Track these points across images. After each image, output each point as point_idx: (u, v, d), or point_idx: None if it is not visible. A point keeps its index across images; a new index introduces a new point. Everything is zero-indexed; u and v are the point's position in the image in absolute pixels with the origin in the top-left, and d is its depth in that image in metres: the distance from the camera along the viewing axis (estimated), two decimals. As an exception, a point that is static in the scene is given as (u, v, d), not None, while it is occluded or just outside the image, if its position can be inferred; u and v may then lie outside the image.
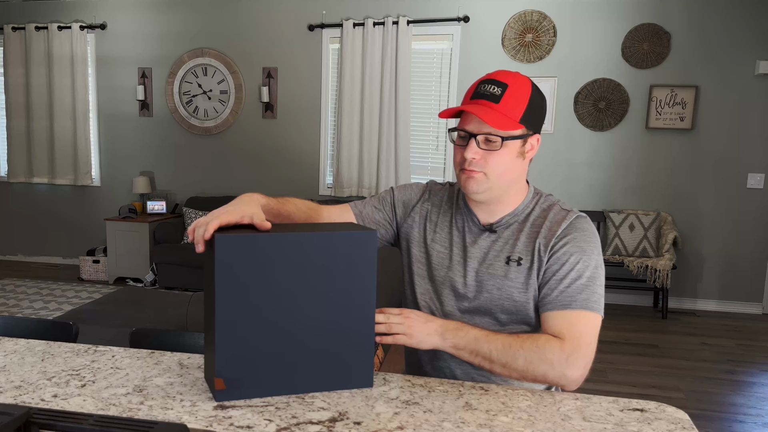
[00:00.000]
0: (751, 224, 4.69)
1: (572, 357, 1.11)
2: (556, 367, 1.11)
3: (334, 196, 5.35)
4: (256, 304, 1.04)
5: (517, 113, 1.20)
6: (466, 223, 1.32)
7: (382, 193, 1.44)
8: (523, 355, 1.12)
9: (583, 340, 1.14)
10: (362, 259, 1.09)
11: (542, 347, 1.12)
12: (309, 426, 0.98)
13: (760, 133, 4.60)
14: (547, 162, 4.93)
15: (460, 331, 1.15)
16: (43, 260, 6.16)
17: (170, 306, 3.07)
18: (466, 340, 1.14)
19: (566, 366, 1.11)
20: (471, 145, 1.20)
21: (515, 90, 1.20)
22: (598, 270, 1.21)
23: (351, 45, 5.08)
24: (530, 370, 1.12)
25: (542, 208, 1.29)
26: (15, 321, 1.58)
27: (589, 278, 1.19)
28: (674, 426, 1.01)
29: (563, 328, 1.15)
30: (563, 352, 1.11)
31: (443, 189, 1.41)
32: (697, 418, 2.81)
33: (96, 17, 5.70)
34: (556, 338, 1.14)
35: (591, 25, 4.75)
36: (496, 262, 1.27)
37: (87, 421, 0.78)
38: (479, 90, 1.21)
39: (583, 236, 1.22)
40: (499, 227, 1.28)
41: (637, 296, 4.88)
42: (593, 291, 1.18)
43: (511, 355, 1.12)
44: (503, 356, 1.12)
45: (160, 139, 5.74)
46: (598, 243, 1.24)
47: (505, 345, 1.13)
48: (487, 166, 1.21)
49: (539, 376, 1.12)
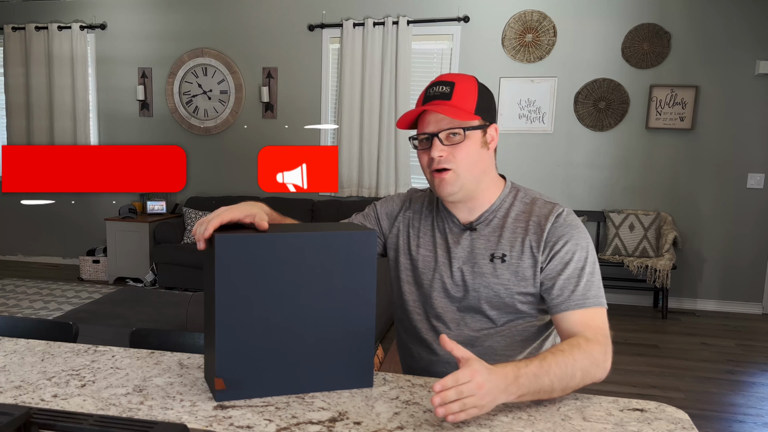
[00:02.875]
0: (751, 224, 4.69)
1: (607, 351, 1.14)
2: (601, 366, 1.13)
3: (334, 196, 5.35)
4: (256, 304, 1.04)
5: (470, 105, 1.23)
6: (446, 224, 1.33)
7: (366, 210, 1.47)
8: (579, 368, 1.08)
9: (607, 332, 1.18)
10: (362, 259, 1.09)
11: (589, 352, 1.11)
12: (309, 426, 0.98)
13: (760, 133, 4.60)
14: (547, 162, 4.93)
15: (521, 378, 1.01)
16: (43, 260, 6.15)
17: (170, 306, 3.08)
18: (528, 384, 1.02)
19: (607, 361, 1.14)
20: (435, 144, 1.23)
21: (462, 85, 1.24)
22: (596, 263, 1.25)
23: (351, 45, 5.08)
24: (587, 380, 1.11)
25: (524, 202, 1.30)
26: (15, 321, 1.58)
27: (592, 273, 1.22)
28: (674, 426, 1.01)
29: (586, 327, 1.17)
30: (603, 349, 1.14)
31: (423, 195, 1.43)
32: (697, 418, 2.81)
33: (96, 17, 5.70)
34: (590, 340, 1.14)
35: (591, 25, 4.75)
36: (480, 260, 1.27)
37: (87, 421, 0.78)
38: (429, 93, 1.25)
39: (578, 232, 1.25)
40: (479, 225, 1.29)
41: (637, 296, 4.87)
42: (599, 286, 1.22)
43: (569, 375, 1.07)
44: (563, 381, 1.06)
45: (160, 139, 5.74)
46: (587, 233, 1.28)
47: (560, 368, 1.05)
48: (455, 161, 1.22)
49: (589, 380, 1.12)
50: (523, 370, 1.01)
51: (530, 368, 1.02)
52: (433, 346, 1.32)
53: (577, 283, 1.21)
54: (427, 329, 1.33)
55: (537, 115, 4.89)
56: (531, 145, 4.90)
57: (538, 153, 4.91)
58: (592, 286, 1.21)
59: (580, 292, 1.20)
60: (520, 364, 1.02)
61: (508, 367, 1.00)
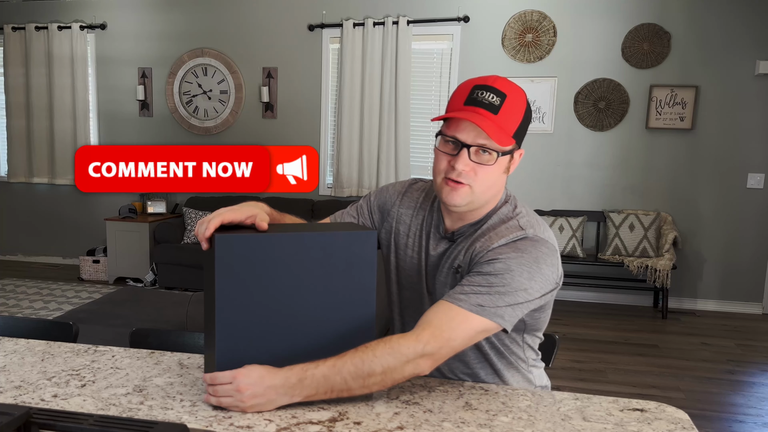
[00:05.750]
0: (751, 224, 4.69)
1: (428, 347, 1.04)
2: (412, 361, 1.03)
3: (334, 196, 5.35)
4: (256, 304, 1.04)
5: (513, 127, 1.14)
6: (433, 228, 1.28)
7: (360, 201, 1.39)
8: (380, 364, 1.02)
9: (445, 335, 1.05)
10: (362, 258, 1.09)
11: (395, 346, 1.03)
12: (309, 426, 0.98)
13: (760, 133, 4.60)
14: (547, 162, 4.93)
15: (306, 380, 1.01)
16: (43, 260, 6.15)
17: (170, 306, 3.07)
18: (315, 385, 1.01)
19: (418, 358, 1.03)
20: (462, 156, 1.13)
21: (513, 102, 1.14)
22: (520, 293, 1.09)
23: (351, 45, 5.08)
24: (389, 374, 1.03)
25: (500, 217, 1.21)
26: (15, 321, 1.58)
27: (499, 292, 1.08)
28: (674, 426, 1.01)
29: (431, 319, 1.07)
30: (419, 343, 1.03)
31: (422, 188, 1.35)
32: (697, 418, 2.80)
33: (96, 17, 5.70)
34: (406, 335, 1.06)
35: (591, 25, 4.75)
36: (446, 269, 1.24)
37: (87, 421, 0.78)
38: (476, 96, 1.13)
39: (520, 259, 1.11)
40: (459, 236, 1.23)
41: (637, 296, 4.87)
42: (494, 301, 1.08)
43: (367, 370, 1.02)
44: (359, 377, 1.02)
45: (160, 139, 5.73)
46: (540, 272, 1.12)
47: (355, 363, 1.02)
48: (476, 180, 1.14)
49: (398, 375, 1.04)
50: (310, 371, 1.02)
51: (320, 369, 1.02)
52: None
53: (470, 287, 1.09)
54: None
55: (537, 115, 4.89)
56: (531, 145, 4.90)
57: (538, 153, 4.91)
58: (482, 296, 1.07)
59: (462, 292, 1.09)
60: (310, 366, 1.02)
61: (294, 370, 1.02)
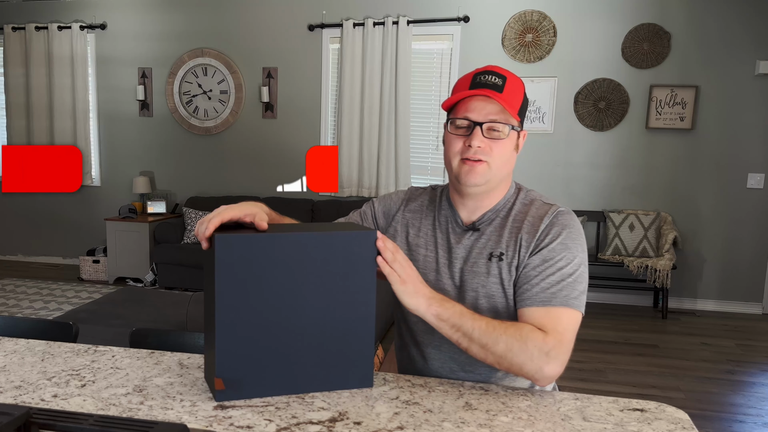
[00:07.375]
0: (751, 224, 4.69)
1: (553, 352, 1.08)
2: (535, 360, 1.08)
3: (334, 196, 5.35)
4: (256, 304, 1.04)
5: (517, 105, 1.21)
6: (449, 223, 1.31)
7: (363, 207, 1.44)
8: (504, 340, 1.08)
9: (566, 337, 1.11)
10: (362, 258, 1.08)
11: (525, 336, 1.08)
12: (309, 426, 0.98)
13: (760, 133, 4.60)
14: (547, 162, 4.93)
15: (447, 302, 1.11)
16: (43, 260, 6.15)
17: (170, 306, 3.08)
18: (450, 312, 1.09)
19: (546, 361, 1.08)
20: (476, 134, 1.19)
21: (513, 82, 1.21)
22: (582, 267, 1.18)
23: (351, 45, 5.08)
24: (508, 358, 1.08)
25: (523, 203, 1.28)
26: (15, 321, 1.58)
27: (572, 275, 1.16)
28: (674, 426, 1.01)
29: (545, 324, 1.12)
30: (545, 345, 1.08)
31: (424, 193, 1.40)
32: (697, 418, 2.81)
33: (96, 17, 5.70)
34: (540, 330, 1.11)
35: (591, 25, 4.75)
36: (479, 259, 1.26)
37: (87, 421, 0.78)
38: (480, 80, 1.20)
39: (568, 233, 1.20)
40: (482, 224, 1.28)
41: (637, 296, 4.87)
42: (574, 288, 1.16)
43: (493, 338, 1.08)
44: (484, 337, 1.08)
45: (160, 139, 5.74)
46: (583, 239, 1.22)
47: (489, 326, 1.09)
48: (492, 155, 1.20)
49: (515, 365, 1.08)
50: (453, 301, 1.12)
51: (460, 306, 1.11)
52: (427, 349, 1.32)
53: (550, 281, 1.16)
54: (424, 331, 1.31)
55: (537, 115, 4.89)
56: (531, 145, 4.90)
57: (538, 153, 4.91)
58: (566, 287, 1.15)
59: (550, 290, 1.15)
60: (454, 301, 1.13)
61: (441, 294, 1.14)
